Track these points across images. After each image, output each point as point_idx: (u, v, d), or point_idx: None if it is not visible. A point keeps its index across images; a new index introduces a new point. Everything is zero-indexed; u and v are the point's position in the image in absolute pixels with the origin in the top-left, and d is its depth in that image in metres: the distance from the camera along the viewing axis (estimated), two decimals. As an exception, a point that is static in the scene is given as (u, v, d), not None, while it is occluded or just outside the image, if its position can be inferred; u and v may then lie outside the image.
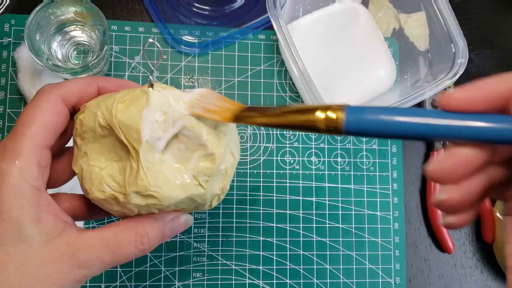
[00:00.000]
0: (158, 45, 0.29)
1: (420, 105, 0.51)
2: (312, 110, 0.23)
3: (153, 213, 0.27)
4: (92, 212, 0.31)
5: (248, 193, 0.46)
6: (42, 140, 0.26)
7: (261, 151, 0.47)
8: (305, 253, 0.46)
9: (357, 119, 0.22)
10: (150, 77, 0.26)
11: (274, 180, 0.47)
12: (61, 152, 0.30)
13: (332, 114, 0.22)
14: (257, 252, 0.45)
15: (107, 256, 0.26)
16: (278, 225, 0.46)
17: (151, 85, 0.26)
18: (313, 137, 0.48)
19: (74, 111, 0.29)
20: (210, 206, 0.29)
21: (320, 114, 0.23)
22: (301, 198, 0.47)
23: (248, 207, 0.46)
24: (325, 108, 0.23)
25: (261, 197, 0.46)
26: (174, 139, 0.26)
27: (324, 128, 0.23)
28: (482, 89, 0.21)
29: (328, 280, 0.46)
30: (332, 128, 0.22)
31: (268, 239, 0.46)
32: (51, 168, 0.28)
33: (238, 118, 0.26)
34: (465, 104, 0.21)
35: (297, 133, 0.48)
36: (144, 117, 0.25)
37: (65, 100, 0.27)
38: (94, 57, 0.39)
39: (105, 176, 0.26)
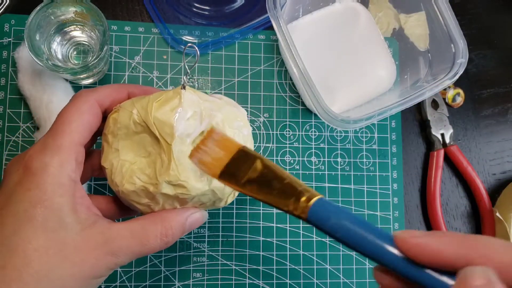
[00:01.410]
0: (196, 48, 0.32)
1: (420, 105, 0.51)
2: (287, 199, 0.26)
3: (175, 208, 0.30)
4: (117, 211, 0.33)
5: (248, 193, 0.46)
6: (80, 137, 0.28)
7: (261, 151, 0.47)
8: (305, 253, 0.46)
9: (318, 216, 0.25)
10: (184, 78, 0.31)
11: (274, 180, 0.47)
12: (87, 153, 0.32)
13: (302, 204, 0.25)
14: (257, 252, 0.45)
15: (136, 246, 0.28)
16: (278, 225, 0.46)
17: (184, 87, 0.30)
18: (313, 137, 0.48)
19: (105, 114, 0.32)
20: (226, 203, 0.32)
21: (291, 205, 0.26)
22: (301, 198, 0.47)
23: (248, 207, 0.46)
24: (296, 200, 0.26)
25: (261, 197, 0.46)
26: (199, 136, 0.29)
27: (294, 214, 0.26)
28: (438, 249, 0.21)
29: (328, 280, 0.46)
30: (297, 216, 0.26)
31: (268, 239, 0.46)
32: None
33: (222, 178, 0.28)
34: (417, 253, 0.21)
35: (297, 133, 0.48)
36: (177, 114, 0.28)
37: (100, 102, 0.30)
38: (94, 57, 0.39)
39: (136, 170, 0.29)
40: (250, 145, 0.32)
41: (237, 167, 0.27)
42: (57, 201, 0.26)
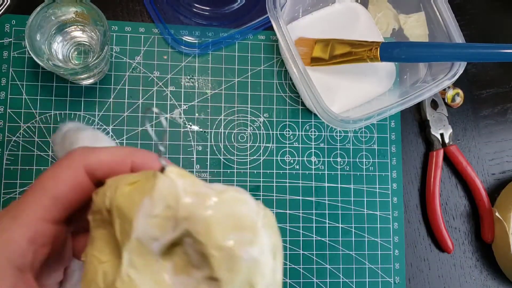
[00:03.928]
0: (160, 114, 0.22)
1: (419, 105, 0.51)
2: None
3: None
4: None
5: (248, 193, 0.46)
6: (45, 213, 0.22)
7: (261, 151, 0.47)
8: (305, 252, 0.46)
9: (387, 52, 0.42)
10: (162, 160, 0.20)
11: (274, 180, 0.47)
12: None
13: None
14: (257, 252, 0.45)
15: None
16: (278, 224, 0.46)
17: (162, 169, 0.20)
18: (313, 137, 0.48)
19: (101, 184, 0.24)
20: None
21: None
22: (301, 198, 0.47)
23: (248, 207, 0.46)
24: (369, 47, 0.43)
25: (261, 197, 0.46)
26: (178, 247, 0.20)
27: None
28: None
29: (328, 280, 0.46)
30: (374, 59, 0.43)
31: (268, 238, 0.46)
32: (78, 243, 0.24)
33: None
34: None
35: (297, 133, 0.48)
36: (142, 206, 0.19)
37: (90, 172, 0.23)
38: (95, 57, 0.39)
39: (99, 273, 0.20)
40: (260, 276, 0.20)
41: None
42: None
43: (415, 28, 0.47)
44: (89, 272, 0.21)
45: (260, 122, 0.48)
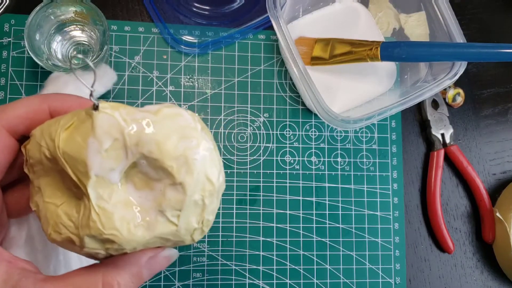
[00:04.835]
0: (90, 63, 0.22)
1: (420, 105, 0.51)
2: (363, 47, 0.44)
3: (125, 254, 0.23)
4: None
5: (248, 193, 0.46)
6: None
7: (261, 151, 0.47)
8: (305, 253, 0.46)
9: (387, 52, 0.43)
10: (92, 97, 0.21)
11: (274, 180, 0.47)
12: (20, 179, 0.26)
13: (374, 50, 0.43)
14: (257, 252, 0.45)
15: None
16: (278, 225, 0.46)
17: (96, 107, 0.21)
18: (313, 137, 0.48)
19: (25, 138, 0.24)
20: (193, 240, 0.25)
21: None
22: (301, 198, 0.47)
23: (248, 207, 0.46)
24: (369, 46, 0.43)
25: (261, 197, 0.46)
26: (133, 168, 0.22)
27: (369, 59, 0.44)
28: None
29: (328, 280, 0.46)
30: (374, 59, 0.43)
31: (268, 239, 0.46)
32: (10, 200, 0.25)
33: None
34: None
35: (297, 133, 0.48)
36: (90, 146, 0.21)
37: (11, 129, 0.23)
38: (94, 57, 0.39)
39: (61, 215, 0.22)
40: (211, 169, 0.23)
41: None
42: None
43: (416, 28, 0.47)
44: (50, 217, 0.22)
45: (260, 122, 0.47)
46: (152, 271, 0.24)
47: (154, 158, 0.21)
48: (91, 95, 0.21)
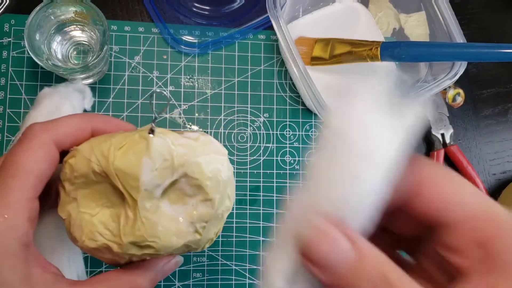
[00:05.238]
0: (166, 93, 0.28)
1: (420, 105, 0.51)
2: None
3: (144, 260, 0.27)
4: None
5: (248, 193, 0.46)
6: (34, 192, 0.24)
7: (261, 151, 0.47)
8: (305, 253, 0.46)
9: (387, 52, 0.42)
10: (152, 124, 0.25)
11: (274, 180, 0.47)
12: None
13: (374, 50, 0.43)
14: (257, 252, 0.45)
15: None
16: (278, 225, 0.46)
17: (152, 131, 0.25)
18: (313, 137, 0.48)
19: (64, 153, 0.26)
20: (203, 249, 0.29)
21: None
22: (301, 198, 0.47)
23: (248, 207, 0.46)
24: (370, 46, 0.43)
25: (261, 197, 0.46)
26: (171, 185, 0.26)
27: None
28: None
29: (328, 280, 0.46)
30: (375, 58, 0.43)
31: (268, 239, 0.46)
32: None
33: None
34: None
35: (297, 133, 0.48)
36: (144, 165, 0.24)
37: (58, 144, 0.25)
38: (94, 57, 0.39)
39: (97, 224, 0.25)
40: (230, 189, 0.28)
41: None
42: (5, 276, 0.22)
43: (416, 28, 0.47)
44: (85, 226, 0.25)
45: (260, 122, 0.47)
46: (163, 275, 0.28)
47: (195, 177, 0.25)
48: (153, 120, 0.25)
